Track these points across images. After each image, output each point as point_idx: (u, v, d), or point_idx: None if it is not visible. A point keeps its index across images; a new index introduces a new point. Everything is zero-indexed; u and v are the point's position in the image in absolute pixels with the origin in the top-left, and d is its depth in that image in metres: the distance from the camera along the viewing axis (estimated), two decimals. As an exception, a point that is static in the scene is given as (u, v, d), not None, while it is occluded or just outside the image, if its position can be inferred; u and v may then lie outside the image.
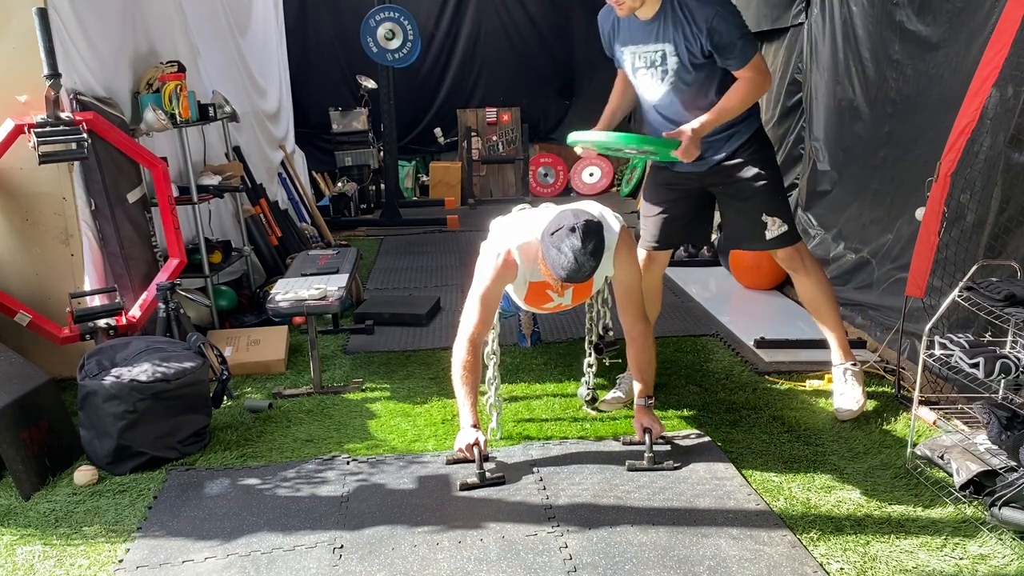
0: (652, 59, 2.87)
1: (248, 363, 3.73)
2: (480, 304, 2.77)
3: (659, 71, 2.87)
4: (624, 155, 3.20)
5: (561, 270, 2.51)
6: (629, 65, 2.98)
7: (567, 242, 2.47)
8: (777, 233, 3.01)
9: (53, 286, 3.52)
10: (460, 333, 2.80)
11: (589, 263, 2.49)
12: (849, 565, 2.21)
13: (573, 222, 2.50)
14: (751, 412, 3.20)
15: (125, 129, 3.66)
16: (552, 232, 2.53)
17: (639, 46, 2.89)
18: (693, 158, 2.79)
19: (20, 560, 2.34)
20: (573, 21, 8.88)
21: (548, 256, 2.54)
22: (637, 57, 2.92)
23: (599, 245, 2.52)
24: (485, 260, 2.81)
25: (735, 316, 4.44)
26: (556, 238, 2.50)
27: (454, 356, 2.80)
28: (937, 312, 2.69)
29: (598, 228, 2.54)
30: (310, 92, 8.25)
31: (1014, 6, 2.83)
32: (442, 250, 6.33)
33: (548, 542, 2.34)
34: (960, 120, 3.03)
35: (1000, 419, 2.45)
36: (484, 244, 2.91)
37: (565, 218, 2.54)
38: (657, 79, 2.89)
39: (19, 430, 2.74)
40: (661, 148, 2.79)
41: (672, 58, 2.81)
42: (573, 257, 2.46)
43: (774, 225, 3.00)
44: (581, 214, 2.55)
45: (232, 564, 2.28)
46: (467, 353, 2.76)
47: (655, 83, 2.90)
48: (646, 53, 2.87)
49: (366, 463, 2.85)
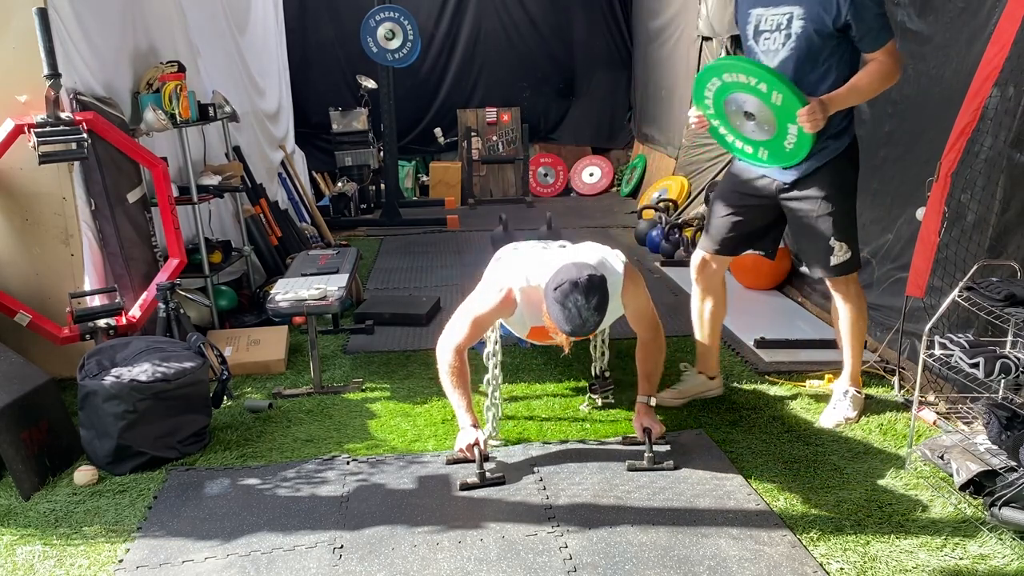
0: (778, 22, 2.78)
1: (248, 363, 3.73)
2: (471, 324, 2.77)
3: (782, 35, 2.77)
4: (725, 141, 3.00)
5: (566, 325, 2.49)
6: (752, 28, 2.87)
7: (571, 298, 2.45)
8: (842, 259, 2.94)
9: (53, 286, 3.51)
10: (446, 340, 2.81)
11: (593, 318, 2.48)
12: (849, 565, 2.21)
13: (576, 277, 2.47)
14: (751, 412, 3.20)
15: (125, 129, 3.66)
16: (555, 287, 2.50)
17: (768, 8, 2.80)
18: (815, 126, 2.66)
19: (20, 560, 2.34)
20: (573, 21, 8.88)
21: (552, 311, 2.52)
22: (763, 20, 2.82)
23: (603, 300, 2.49)
24: (487, 288, 2.81)
25: (735, 316, 4.43)
26: (559, 293, 2.48)
27: (440, 361, 2.81)
28: (937, 312, 2.69)
29: (601, 283, 2.51)
30: (310, 92, 8.25)
31: (1014, 6, 2.83)
32: (442, 250, 6.33)
33: (548, 542, 2.34)
34: (960, 120, 3.03)
35: (1000, 419, 2.45)
36: (490, 270, 2.91)
37: (568, 272, 2.51)
38: (779, 44, 2.79)
39: (19, 430, 2.74)
40: (790, 100, 2.67)
41: (799, 22, 2.72)
42: (577, 313, 2.45)
43: (841, 251, 2.93)
44: (584, 268, 2.52)
45: (232, 564, 2.28)
46: (454, 359, 2.77)
47: (775, 47, 2.80)
48: (774, 16, 2.79)
49: (366, 463, 2.85)
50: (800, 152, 2.79)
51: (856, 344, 3.12)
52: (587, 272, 2.50)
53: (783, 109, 2.72)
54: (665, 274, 5.37)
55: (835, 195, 2.89)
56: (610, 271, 2.69)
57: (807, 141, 2.74)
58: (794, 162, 2.85)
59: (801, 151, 2.79)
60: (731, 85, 2.81)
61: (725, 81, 2.81)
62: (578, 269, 2.52)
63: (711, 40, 6.46)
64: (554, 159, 8.83)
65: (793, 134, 2.75)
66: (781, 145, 2.82)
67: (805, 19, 2.71)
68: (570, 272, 2.51)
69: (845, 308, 3.08)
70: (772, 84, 2.70)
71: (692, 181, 6.69)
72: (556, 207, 7.65)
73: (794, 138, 2.76)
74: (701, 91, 2.91)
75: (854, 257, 2.97)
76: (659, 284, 5.14)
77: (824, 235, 2.93)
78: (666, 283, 5.17)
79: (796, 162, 2.85)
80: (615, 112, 9.14)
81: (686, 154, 6.92)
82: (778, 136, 2.80)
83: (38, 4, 3.19)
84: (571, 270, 2.52)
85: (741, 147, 2.96)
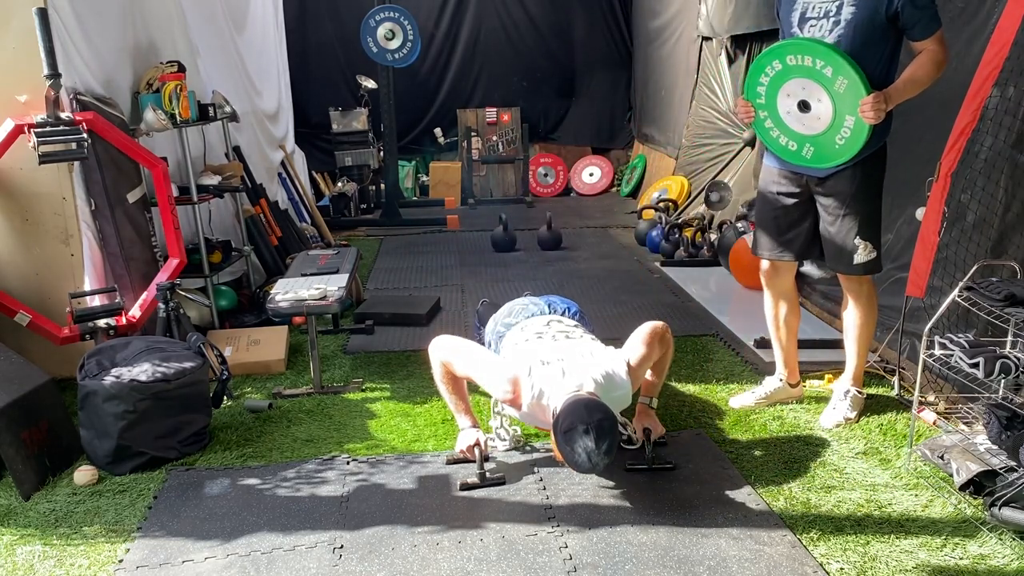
0: (826, 8, 2.74)
1: (248, 363, 3.73)
2: (469, 368, 2.74)
3: (830, 22, 2.73)
4: (769, 136, 2.92)
5: (577, 468, 2.44)
6: (797, 16, 2.82)
7: (580, 444, 2.36)
8: (866, 259, 2.91)
9: (53, 286, 3.51)
10: (441, 352, 2.80)
11: (603, 462, 2.40)
12: (849, 565, 2.21)
13: (586, 421, 2.36)
14: (751, 412, 3.20)
15: (125, 129, 3.66)
16: (564, 431, 2.40)
17: None
18: (878, 117, 2.63)
19: (20, 560, 2.34)
20: (573, 21, 8.89)
21: (562, 451, 2.44)
22: (810, 7, 2.78)
23: (612, 444, 2.40)
24: (498, 364, 2.73)
25: (735, 316, 4.44)
26: (568, 438, 2.38)
27: (433, 364, 2.83)
28: (937, 312, 2.69)
29: (611, 428, 2.40)
30: (310, 92, 8.26)
31: (1014, 6, 2.83)
32: (442, 250, 6.33)
33: (548, 542, 2.34)
34: (960, 120, 3.03)
35: (1000, 419, 2.45)
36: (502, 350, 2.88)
37: (577, 414, 2.39)
38: (825, 30, 2.75)
39: (19, 430, 2.74)
40: (855, 87, 2.62)
41: (849, 8, 2.69)
42: (587, 458, 2.37)
43: (865, 250, 2.90)
44: (593, 411, 2.40)
45: (232, 564, 2.28)
46: (443, 371, 2.80)
47: (821, 35, 2.75)
48: (822, 4, 2.75)
49: (366, 463, 2.85)
50: (850, 150, 2.72)
51: (862, 345, 3.11)
52: (597, 416, 2.38)
53: (844, 97, 2.65)
54: (665, 274, 5.37)
55: (863, 194, 2.86)
56: (618, 384, 2.60)
57: (862, 136, 2.67)
58: (839, 161, 2.78)
59: (852, 148, 2.72)
60: (792, 69, 2.73)
61: (787, 64, 2.74)
62: (588, 412, 2.39)
63: (711, 40, 6.46)
64: (554, 159, 8.84)
65: (848, 127, 2.68)
66: (831, 141, 2.75)
67: (856, 5, 2.68)
68: (580, 414, 2.39)
69: (856, 308, 3.06)
70: (839, 68, 2.63)
71: (692, 181, 6.69)
72: (556, 207, 7.65)
73: (848, 131, 2.69)
74: (756, 77, 2.84)
75: (879, 257, 2.94)
76: (659, 284, 5.14)
77: (849, 233, 2.90)
78: (666, 283, 5.17)
79: (842, 162, 2.78)
80: (615, 112, 9.15)
81: (686, 154, 6.92)
82: (831, 129, 2.73)
83: (38, 4, 3.19)
84: (580, 412, 2.40)
85: (785, 143, 2.88)
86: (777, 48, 2.78)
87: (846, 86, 2.64)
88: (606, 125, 9.15)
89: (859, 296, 3.04)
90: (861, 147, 2.71)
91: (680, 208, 6.46)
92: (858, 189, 2.86)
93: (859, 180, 2.85)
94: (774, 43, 2.85)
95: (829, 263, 3.03)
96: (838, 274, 3.06)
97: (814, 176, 2.91)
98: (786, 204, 3.02)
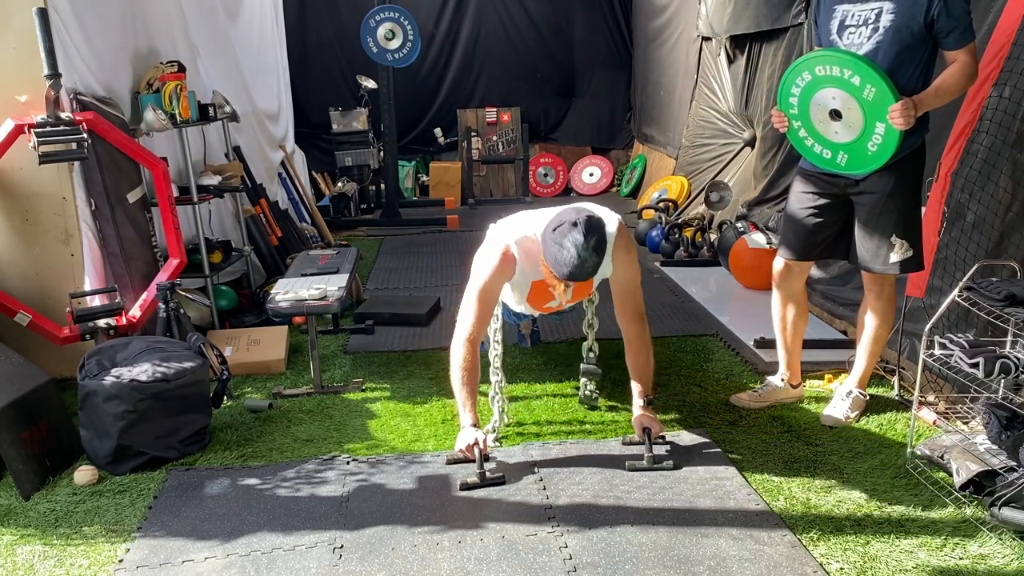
0: (865, 16, 2.76)
1: (248, 363, 3.73)
2: (478, 301, 2.76)
3: (868, 28, 2.75)
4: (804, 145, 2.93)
5: (564, 267, 2.50)
6: (836, 24, 2.84)
7: (569, 237, 2.46)
8: (902, 257, 2.87)
9: (53, 286, 3.51)
10: (458, 333, 2.79)
11: (592, 259, 2.49)
12: (849, 565, 2.21)
13: (575, 218, 2.49)
14: (751, 412, 3.20)
15: (125, 129, 3.66)
16: (554, 228, 2.52)
17: (855, 4, 2.79)
18: (907, 123, 2.63)
19: (20, 560, 2.34)
20: (573, 21, 8.89)
21: (549, 253, 2.53)
22: (849, 15, 2.80)
23: (601, 240, 2.52)
24: (482, 257, 2.81)
25: (735, 316, 4.45)
26: (558, 234, 2.49)
27: (452, 357, 2.79)
28: (937, 312, 2.69)
29: (600, 224, 2.54)
30: (310, 92, 8.26)
31: (1014, 6, 2.84)
32: (442, 250, 6.33)
33: (548, 542, 2.34)
34: (960, 120, 3.04)
35: (1000, 419, 2.45)
36: (481, 247, 2.91)
37: (566, 215, 2.54)
38: (863, 38, 2.76)
39: (19, 430, 2.74)
40: (884, 94, 2.64)
41: (888, 16, 2.70)
42: (576, 253, 2.45)
43: (902, 248, 2.86)
44: (582, 211, 2.56)
45: (232, 564, 2.28)
46: (467, 353, 2.75)
47: (859, 42, 2.77)
48: (861, 11, 2.77)
49: (366, 463, 2.85)
50: (883, 155, 2.73)
51: (875, 347, 3.10)
52: (585, 214, 2.52)
53: (874, 105, 2.67)
54: (665, 274, 5.37)
55: (901, 192, 2.84)
56: (606, 221, 2.68)
57: (893, 141, 2.68)
58: (874, 167, 2.78)
59: (884, 154, 2.72)
60: (822, 80, 2.76)
61: (817, 75, 2.77)
62: (576, 212, 2.54)
63: (711, 40, 6.46)
64: (554, 159, 8.84)
65: (879, 133, 2.70)
66: (864, 147, 2.76)
67: (895, 13, 2.69)
68: (568, 214, 2.53)
69: (875, 306, 3.04)
70: (867, 76, 2.66)
71: (692, 181, 6.69)
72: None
73: (880, 138, 2.70)
74: (788, 88, 2.87)
75: (917, 255, 2.90)
76: (659, 284, 5.14)
77: (886, 231, 2.87)
78: (666, 283, 5.17)
79: (875, 167, 2.78)
80: (615, 112, 9.15)
81: (686, 154, 6.92)
82: (863, 136, 2.74)
83: (38, 4, 3.19)
84: (569, 213, 2.54)
85: (819, 151, 2.90)
86: (806, 60, 2.81)
87: (874, 94, 2.66)
88: (606, 125, 9.15)
89: (880, 295, 3.02)
90: (893, 152, 2.72)
91: (680, 208, 6.46)
92: (895, 187, 2.83)
93: (896, 178, 2.83)
94: (804, 55, 2.88)
95: (863, 262, 2.97)
96: (862, 272, 3.03)
97: (851, 179, 2.90)
98: (819, 205, 3.00)
